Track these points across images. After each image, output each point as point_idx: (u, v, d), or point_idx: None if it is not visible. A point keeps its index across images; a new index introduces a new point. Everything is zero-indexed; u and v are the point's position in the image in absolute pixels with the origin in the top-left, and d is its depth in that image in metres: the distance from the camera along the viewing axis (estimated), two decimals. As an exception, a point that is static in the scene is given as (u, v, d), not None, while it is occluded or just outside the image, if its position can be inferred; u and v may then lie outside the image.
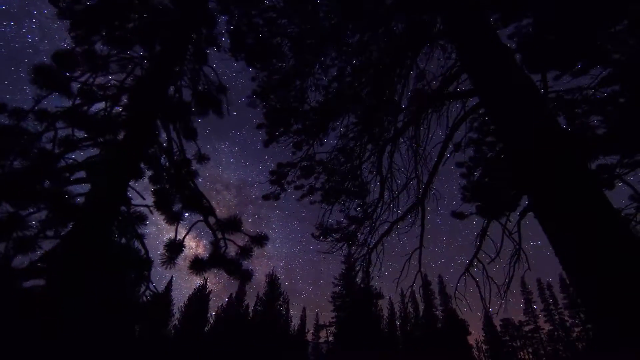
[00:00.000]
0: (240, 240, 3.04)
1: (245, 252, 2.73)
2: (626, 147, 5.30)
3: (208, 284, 32.33)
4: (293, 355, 29.05)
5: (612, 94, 5.43)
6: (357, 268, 6.31)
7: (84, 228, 2.04)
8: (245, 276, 3.01)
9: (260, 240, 2.73)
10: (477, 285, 4.78)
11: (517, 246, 4.68)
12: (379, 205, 7.21)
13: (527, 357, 40.09)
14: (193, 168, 3.02)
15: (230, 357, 24.34)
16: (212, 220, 2.94)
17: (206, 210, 2.65)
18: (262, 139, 6.30)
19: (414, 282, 5.28)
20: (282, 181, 6.90)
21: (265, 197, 6.83)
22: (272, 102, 6.97)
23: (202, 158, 3.37)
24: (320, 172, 8.03)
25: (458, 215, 5.84)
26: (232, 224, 2.60)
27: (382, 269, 6.07)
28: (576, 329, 35.76)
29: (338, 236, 7.68)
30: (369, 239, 6.51)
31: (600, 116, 5.74)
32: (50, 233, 2.68)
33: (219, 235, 2.63)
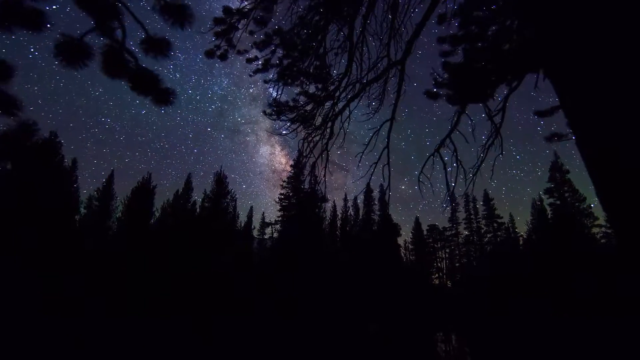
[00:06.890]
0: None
1: (156, 44, 1.72)
2: None
3: (153, 180, 30.73)
4: (238, 247, 30.57)
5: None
6: (316, 140, 5.61)
7: None
8: (161, 97, 2.06)
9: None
10: (445, 168, 4.45)
11: (498, 126, 4.22)
12: (343, 82, 6.30)
13: (443, 255, 47.39)
14: None
15: (176, 246, 24.72)
16: None
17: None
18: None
19: (378, 159, 4.79)
20: (230, 36, 5.50)
21: (209, 53, 5.45)
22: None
23: None
24: (278, 45, 6.72)
25: (432, 95, 5.20)
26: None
27: (344, 145, 5.46)
28: (488, 235, 42.18)
29: (293, 116, 6.82)
30: (331, 112, 5.73)
31: None
32: None
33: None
